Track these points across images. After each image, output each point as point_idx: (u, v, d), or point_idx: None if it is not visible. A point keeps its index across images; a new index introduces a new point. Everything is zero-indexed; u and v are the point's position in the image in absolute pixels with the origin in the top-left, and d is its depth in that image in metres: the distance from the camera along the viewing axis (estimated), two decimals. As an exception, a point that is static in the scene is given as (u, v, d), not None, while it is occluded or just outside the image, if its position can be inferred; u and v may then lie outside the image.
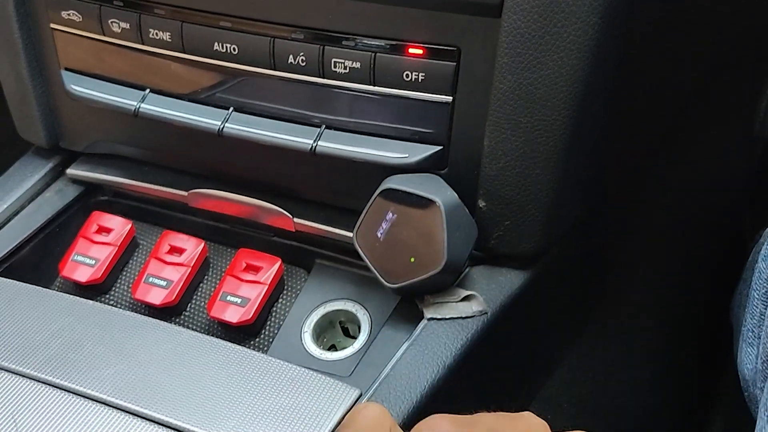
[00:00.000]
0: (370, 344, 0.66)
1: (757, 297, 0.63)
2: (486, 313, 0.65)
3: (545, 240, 0.67)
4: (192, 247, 0.73)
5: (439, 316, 0.64)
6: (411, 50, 0.63)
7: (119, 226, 0.75)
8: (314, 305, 0.71)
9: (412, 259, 0.63)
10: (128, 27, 0.70)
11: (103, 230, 0.75)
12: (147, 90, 0.71)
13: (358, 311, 0.69)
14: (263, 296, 0.70)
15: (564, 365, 0.82)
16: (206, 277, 0.75)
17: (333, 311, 0.70)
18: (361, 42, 0.64)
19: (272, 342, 0.70)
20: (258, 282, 0.70)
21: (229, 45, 0.67)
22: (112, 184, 0.78)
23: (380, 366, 0.62)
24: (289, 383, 0.56)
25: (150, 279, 0.72)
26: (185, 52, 0.69)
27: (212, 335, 0.69)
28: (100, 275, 0.73)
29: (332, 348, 0.70)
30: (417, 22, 0.62)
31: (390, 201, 0.64)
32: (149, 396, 0.55)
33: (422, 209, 0.63)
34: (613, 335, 0.88)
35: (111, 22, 0.70)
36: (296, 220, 0.72)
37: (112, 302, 0.75)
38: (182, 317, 0.73)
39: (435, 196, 0.62)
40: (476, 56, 0.62)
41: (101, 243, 0.74)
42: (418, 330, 0.63)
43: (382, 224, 0.65)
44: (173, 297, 0.71)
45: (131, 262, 0.76)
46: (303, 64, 0.66)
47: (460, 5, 0.61)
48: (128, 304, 0.74)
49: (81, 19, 0.71)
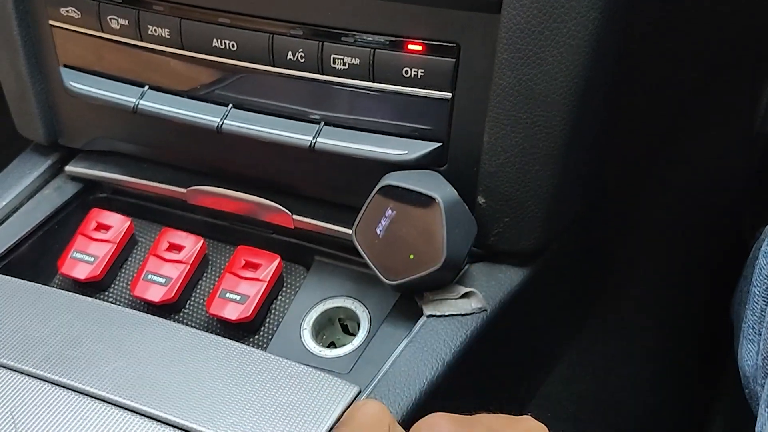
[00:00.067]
0: (369, 341, 0.66)
1: (758, 294, 0.63)
2: (485, 310, 0.65)
3: (545, 236, 0.67)
4: (191, 244, 0.73)
5: (439, 313, 0.64)
6: (410, 46, 0.63)
7: (118, 223, 0.75)
8: (313, 302, 0.70)
9: (412, 256, 0.63)
10: (127, 23, 0.69)
11: (102, 227, 0.75)
12: (146, 87, 0.71)
13: (358, 308, 0.69)
14: (262, 293, 0.70)
15: (564, 361, 0.82)
16: (205, 274, 0.75)
17: (332, 308, 0.70)
18: (361, 38, 0.64)
19: (271, 339, 0.70)
20: (257, 279, 0.70)
21: (228, 41, 0.67)
22: (111, 181, 0.78)
23: (379, 363, 0.62)
24: (288, 380, 0.56)
25: (149, 276, 0.72)
26: (184, 49, 0.69)
27: (211, 332, 0.69)
28: (99, 272, 0.73)
29: (331, 345, 0.70)
30: (416, 18, 0.62)
31: (389, 198, 0.64)
32: (148, 393, 0.55)
33: (421, 206, 0.63)
34: (613, 330, 0.88)
35: (110, 19, 0.70)
36: (295, 217, 0.72)
37: (111, 299, 0.75)
38: (181, 314, 0.73)
39: (434, 193, 0.62)
40: (476, 52, 0.62)
41: (100, 240, 0.74)
42: (418, 327, 0.63)
43: (382, 221, 0.64)
44: (172, 294, 0.71)
45: (130, 259, 0.76)
46: (302, 61, 0.65)
47: (460, 1, 0.60)
48: (127, 302, 0.74)
49: (80, 16, 0.71)
